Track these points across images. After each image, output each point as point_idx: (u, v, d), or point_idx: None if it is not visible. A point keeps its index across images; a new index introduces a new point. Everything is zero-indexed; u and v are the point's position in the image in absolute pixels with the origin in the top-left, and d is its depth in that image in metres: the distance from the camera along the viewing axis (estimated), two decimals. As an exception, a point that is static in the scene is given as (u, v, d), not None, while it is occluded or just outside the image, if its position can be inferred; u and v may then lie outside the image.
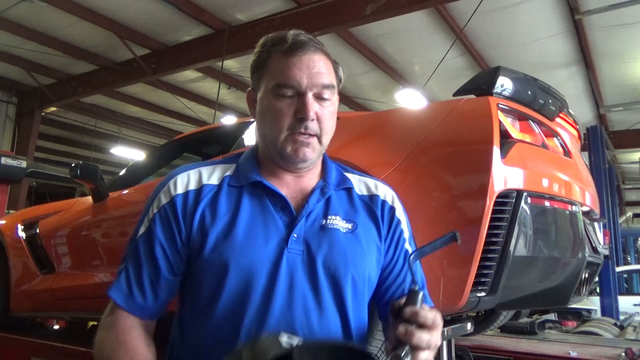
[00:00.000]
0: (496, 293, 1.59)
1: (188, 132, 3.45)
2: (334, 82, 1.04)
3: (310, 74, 0.99)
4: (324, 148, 1.05)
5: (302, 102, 0.98)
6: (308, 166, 1.05)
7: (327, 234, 0.99)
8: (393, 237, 1.08)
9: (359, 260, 1.00)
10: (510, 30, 6.53)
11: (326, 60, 1.03)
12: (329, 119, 1.02)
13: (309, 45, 1.00)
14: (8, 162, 5.33)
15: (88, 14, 6.36)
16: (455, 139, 1.75)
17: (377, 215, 1.07)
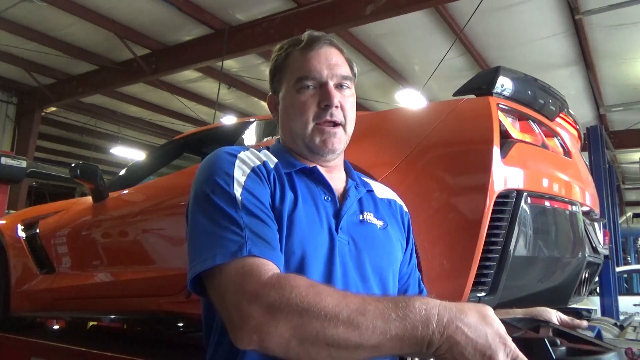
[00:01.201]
0: (496, 293, 1.59)
1: (188, 132, 3.45)
2: (351, 74, 1.09)
3: (329, 65, 1.04)
4: (348, 138, 1.09)
5: (325, 90, 1.03)
6: (336, 157, 1.09)
7: (366, 229, 1.03)
8: (408, 241, 1.15)
9: (395, 256, 1.06)
10: (510, 30, 6.53)
11: (341, 54, 1.09)
12: (352, 108, 1.07)
13: (324, 39, 1.07)
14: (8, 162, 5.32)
15: (88, 14, 6.36)
16: (455, 139, 1.75)
17: (397, 218, 1.13)
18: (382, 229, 1.06)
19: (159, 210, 2.59)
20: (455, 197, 1.63)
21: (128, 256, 2.57)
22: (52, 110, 9.64)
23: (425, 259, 1.58)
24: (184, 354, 2.62)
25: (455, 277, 1.55)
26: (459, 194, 1.63)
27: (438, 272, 1.57)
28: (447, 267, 1.57)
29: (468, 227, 1.55)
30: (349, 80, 1.07)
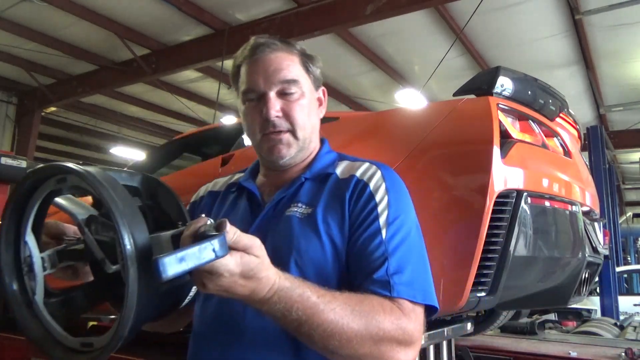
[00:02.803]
0: (496, 293, 1.59)
1: (188, 132, 3.45)
2: (299, 76, 1.05)
3: (266, 75, 1.03)
4: (303, 142, 1.06)
5: (264, 102, 1.02)
6: (289, 162, 1.06)
7: (282, 222, 1.00)
8: (360, 213, 0.98)
9: (306, 245, 0.96)
10: (510, 30, 6.53)
11: (287, 56, 1.05)
12: (299, 111, 1.04)
13: (265, 47, 1.04)
14: (8, 162, 5.31)
15: (88, 14, 6.36)
16: (455, 139, 1.75)
17: (344, 196, 1.00)
18: (304, 217, 0.99)
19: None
20: (455, 197, 1.63)
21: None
22: (52, 110, 9.63)
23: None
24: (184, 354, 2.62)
25: (455, 277, 1.55)
26: (459, 194, 1.63)
27: (438, 272, 1.57)
28: (447, 267, 1.57)
29: (468, 227, 1.55)
30: (293, 83, 1.03)
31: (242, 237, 0.75)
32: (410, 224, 1.00)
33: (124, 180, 0.87)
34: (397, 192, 1.01)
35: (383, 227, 0.95)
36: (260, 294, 0.78)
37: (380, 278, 0.90)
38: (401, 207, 1.00)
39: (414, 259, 0.95)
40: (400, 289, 0.89)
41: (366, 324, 0.83)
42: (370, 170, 1.03)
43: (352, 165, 1.06)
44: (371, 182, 1.00)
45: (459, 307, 1.57)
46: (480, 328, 2.79)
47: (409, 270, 0.92)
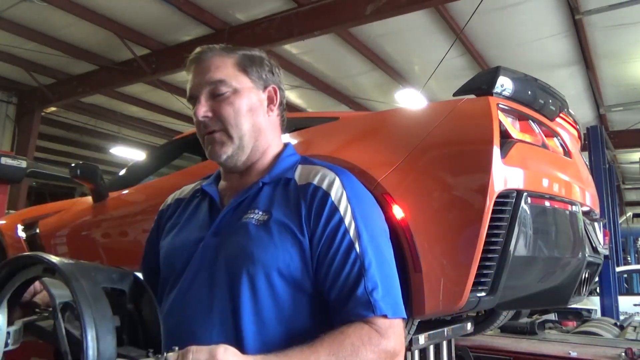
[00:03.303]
0: (496, 293, 1.59)
1: (188, 132, 3.45)
2: (229, 75, 1.06)
3: (197, 79, 1.07)
4: (239, 139, 1.05)
5: (194, 106, 1.06)
6: (230, 162, 1.07)
7: (237, 229, 0.99)
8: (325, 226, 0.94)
9: (264, 254, 0.93)
10: (510, 30, 6.53)
11: (219, 59, 1.08)
12: (229, 109, 1.04)
13: (201, 55, 1.10)
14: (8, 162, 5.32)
15: (88, 14, 6.36)
16: (455, 139, 1.74)
17: (300, 203, 0.97)
18: (260, 224, 0.97)
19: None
20: (455, 197, 1.63)
21: (128, 256, 2.57)
22: (52, 110, 9.63)
23: (425, 259, 1.58)
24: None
25: (455, 277, 1.55)
26: (459, 194, 1.63)
27: (438, 272, 1.57)
28: (447, 267, 1.56)
29: (468, 227, 1.55)
30: (220, 84, 1.04)
31: (198, 353, 0.74)
32: (378, 232, 0.98)
33: (113, 281, 0.87)
34: (360, 200, 0.99)
35: (355, 241, 0.93)
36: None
37: (361, 297, 0.89)
38: (367, 216, 0.97)
39: (385, 270, 0.93)
40: (380, 306, 0.88)
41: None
42: (327, 177, 1.00)
43: (310, 170, 1.03)
44: (332, 191, 0.97)
45: (459, 307, 1.57)
46: (480, 328, 2.79)
47: (382, 284, 0.91)
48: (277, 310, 0.93)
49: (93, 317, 0.73)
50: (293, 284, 0.94)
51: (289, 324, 0.93)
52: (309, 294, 0.95)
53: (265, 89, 1.11)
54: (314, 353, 0.82)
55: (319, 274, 0.94)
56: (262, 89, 1.10)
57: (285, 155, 1.11)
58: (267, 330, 0.91)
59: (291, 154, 1.13)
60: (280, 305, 0.93)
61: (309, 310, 0.95)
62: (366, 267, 0.90)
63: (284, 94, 1.15)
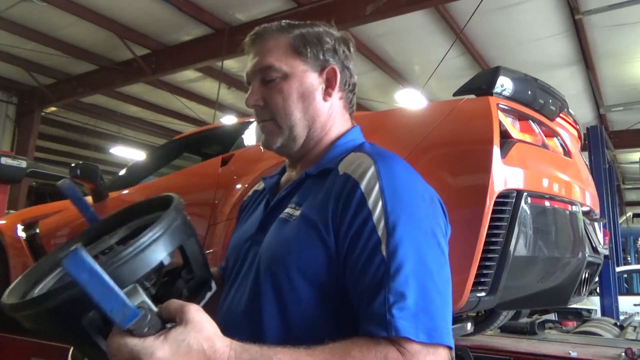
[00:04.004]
0: (496, 293, 1.59)
1: (188, 132, 3.45)
2: (279, 60, 0.96)
3: (250, 64, 0.99)
4: (289, 130, 0.96)
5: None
6: (284, 151, 1.00)
7: (274, 225, 0.92)
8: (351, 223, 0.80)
9: (286, 253, 0.84)
10: (510, 30, 6.53)
11: (272, 41, 0.98)
12: (277, 97, 0.95)
13: (256, 36, 1.00)
14: (8, 162, 5.32)
15: (88, 14, 6.36)
16: (455, 139, 1.75)
17: (330, 197, 0.84)
18: (292, 221, 0.88)
19: (159, 210, 2.59)
20: (455, 197, 1.62)
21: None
22: (52, 110, 9.63)
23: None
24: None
25: (455, 277, 1.55)
26: (459, 193, 1.63)
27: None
28: (447, 267, 1.56)
29: (468, 227, 1.55)
30: (269, 70, 0.95)
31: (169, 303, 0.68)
32: (421, 233, 0.78)
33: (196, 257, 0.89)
34: (398, 193, 0.80)
35: (382, 241, 0.75)
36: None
37: (376, 311, 0.71)
38: (406, 212, 0.78)
39: (423, 281, 0.73)
40: (400, 325, 0.69)
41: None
42: (363, 165, 0.84)
43: (352, 159, 0.89)
44: (363, 181, 0.81)
45: (459, 307, 1.57)
46: (480, 328, 2.79)
47: (415, 297, 0.71)
48: (302, 314, 0.80)
49: (162, 232, 0.76)
50: (317, 286, 0.81)
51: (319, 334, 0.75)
52: (337, 301, 0.80)
53: (322, 70, 0.98)
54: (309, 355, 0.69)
55: (346, 279, 0.79)
56: (319, 71, 0.98)
57: (340, 142, 0.98)
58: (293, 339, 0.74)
59: (348, 140, 0.98)
60: (304, 309, 0.81)
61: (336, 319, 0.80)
62: (391, 274, 0.72)
63: (349, 73, 1.01)
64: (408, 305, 0.70)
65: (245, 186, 2.10)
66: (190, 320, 0.66)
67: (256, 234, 0.96)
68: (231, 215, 2.07)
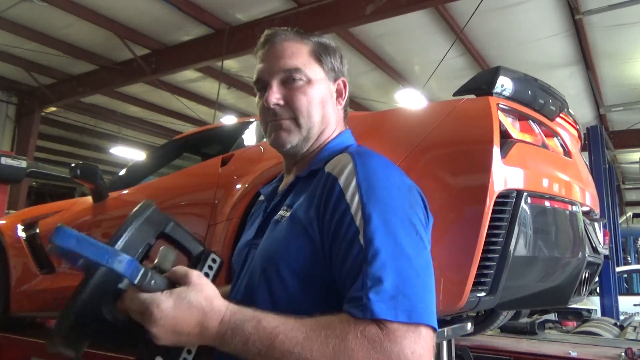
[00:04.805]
0: (496, 293, 1.59)
1: (188, 132, 3.45)
2: (305, 64, 1.02)
3: (270, 63, 1.02)
4: (307, 131, 1.02)
5: (266, 91, 1.01)
6: (292, 151, 1.03)
7: (270, 228, 0.98)
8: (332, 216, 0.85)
9: (276, 251, 0.90)
10: (510, 30, 6.53)
11: (294, 45, 1.03)
12: (302, 98, 1.00)
13: (276, 37, 1.04)
14: (8, 162, 5.32)
15: (88, 14, 6.36)
16: (455, 139, 1.75)
17: (315, 195, 0.89)
18: (283, 221, 0.94)
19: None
20: (455, 197, 1.63)
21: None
22: (52, 110, 9.64)
23: (425, 259, 1.58)
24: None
25: (455, 277, 1.55)
26: (459, 194, 1.63)
27: (438, 272, 1.57)
28: (447, 267, 1.57)
29: (468, 227, 1.55)
30: (295, 72, 1.00)
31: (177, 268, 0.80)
32: (395, 219, 0.81)
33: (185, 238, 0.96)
34: (372, 184, 0.84)
35: (360, 231, 0.80)
36: (211, 329, 0.76)
37: (355, 294, 0.76)
38: (381, 201, 0.82)
39: (401, 265, 0.77)
40: (377, 308, 0.72)
41: (334, 353, 0.71)
42: (342, 162, 0.89)
43: (336, 160, 0.93)
44: (341, 177, 0.86)
45: (459, 307, 1.57)
46: (480, 328, 2.79)
47: (393, 280, 0.75)
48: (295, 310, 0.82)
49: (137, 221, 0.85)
50: (307, 280, 0.86)
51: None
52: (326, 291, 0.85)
53: (335, 81, 1.09)
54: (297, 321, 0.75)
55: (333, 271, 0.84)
56: (333, 81, 1.08)
57: (330, 145, 1.04)
58: None
59: (338, 143, 1.05)
60: (295, 303, 0.86)
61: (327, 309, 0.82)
62: (369, 260, 0.76)
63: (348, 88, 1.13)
64: (385, 288, 0.74)
65: (246, 186, 2.10)
66: (193, 283, 0.78)
67: (254, 238, 1.03)
68: (231, 215, 2.07)
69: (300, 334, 0.73)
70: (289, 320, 0.76)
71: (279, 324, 0.75)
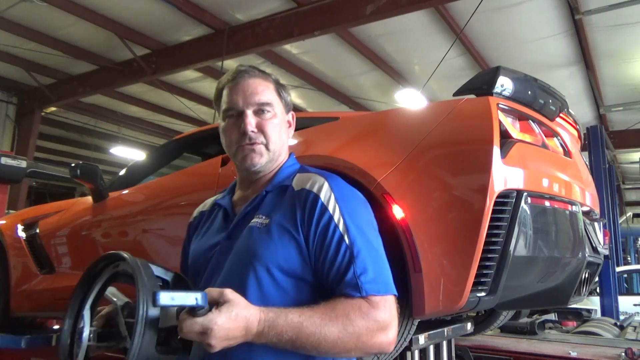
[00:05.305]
0: (496, 293, 1.59)
1: (188, 132, 3.45)
2: (272, 100, 1.23)
3: (245, 96, 1.21)
4: (274, 154, 1.23)
5: (242, 118, 1.20)
6: (260, 170, 1.23)
7: (245, 232, 1.17)
8: (317, 224, 1.10)
9: (265, 252, 1.11)
10: (510, 30, 6.54)
11: (264, 83, 1.24)
12: (272, 129, 1.22)
13: (245, 73, 1.23)
14: (8, 162, 5.32)
15: (88, 14, 6.36)
16: (455, 139, 1.75)
17: (296, 207, 1.13)
18: (262, 227, 1.14)
19: (159, 210, 2.59)
20: (455, 197, 1.63)
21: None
22: (52, 110, 9.63)
23: (425, 259, 1.58)
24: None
25: (455, 277, 1.55)
26: (459, 193, 1.63)
27: (438, 272, 1.57)
28: (447, 267, 1.57)
29: (468, 227, 1.55)
30: (268, 106, 1.21)
31: (210, 291, 0.94)
32: (365, 224, 1.13)
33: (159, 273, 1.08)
34: (347, 200, 1.14)
35: (344, 234, 1.08)
36: (253, 330, 0.95)
37: (350, 281, 1.05)
38: (354, 212, 1.13)
39: (373, 257, 1.09)
40: (367, 287, 1.04)
41: (344, 326, 0.99)
42: (318, 182, 1.16)
43: (304, 178, 1.19)
44: (321, 194, 1.13)
45: (459, 307, 1.57)
46: (480, 328, 2.79)
47: (372, 268, 1.06)
48: (281, 298, 1.08)
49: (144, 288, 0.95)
50: (293, 275, 1.10)
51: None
52: (310, 283, 1.11)
53: (288, 112, 1.30)
54: (311, 310, 1.00)
55: (317, 266, 1.10)
56: (287, 113, 1.30)
57: (285, 165, 1.27)
58: None
59: (291, 165, 1.28)
60: (283, 294, 1.09)
61: (311, 297, 1.10)
62: (355, 255, 1.06)
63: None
64: (369, 274, 1.05)
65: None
66: (231, 299, 0.95)
67: (224, 241, 1.20)
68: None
69: (318, 319, 0.98)
70: (305, 311, 0.99)
71: (300, 314, 0.98)
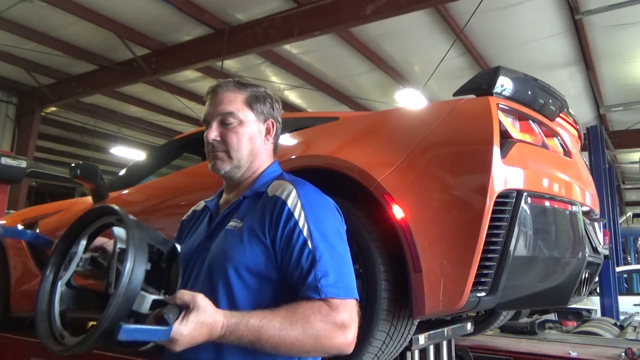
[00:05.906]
0: (496, 293, 1.59)
1: (188, 132, 3.45)
2: (237, 109, 1.30)
3: (212, 108, 1.31)
4: (239, 161, 1.30)
5: (207, 129, 1.31)
6: (228, 175, 1.31)
7: (221, 234, 1.24)
8: (283, 229, 1.16)
9: (235, 254, 1.18)
10: (510, 30, 6.53)
11: (233, 95, 1.31)
12: (233, 137, 1.29)
13: (219, 87, 1.32)
14: (8, 162, 5.32)
15: (88, 14, 6.36)
16: (455, 139, 1.75)
17: (265, 212, 1.20)
18: (235, 230, 1.21)
19: (159, 210, 2.59)
20: (455, 197, 1.63)
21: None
22: (52, 110, 9.63)
23: (425, 259, 1.58)
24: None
25: (455, 277, 1.55)
26: (459, 193, 1.63)
27: (438, 272, 1.57)
28: (447, 267, 1.57)
29: (468, 227, 1.55)
30: (230, 115, 1.28)
31: (183, 294, 1.00)
32: (329, 231, 1.18)
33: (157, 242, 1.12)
34: (313, 207, 1.20)
35: (308, 239, 1.14)
36: (215, 334, 1.01)
37: (311, 283, 1.10)
38: (319, 219, 1.18)
39: (336, 262, 1.14)
40: (327, 290, 1.08)
41: (303, 329, 1.04)
42: (287, 189, 1.22)
43: (277, 185, 1.26)
44: (289, 201, 1.19)
45: (459, 307, 1.57)
46: (480, 328, 2.79)
47: (333, 272, 1.11)
48: (248, 297, 1.15)
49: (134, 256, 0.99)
50: (260, 276, 1.16)
51: (259, 307, 1.13)
52: (276, 283, 1.17)
53: (265, 121, 1.35)
54: (272, 314, 1.04)
55: (282, 267, 1.16)
56: (262, 122, 1.34)
57: (266, 172, 1.34)
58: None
59: (272, 172, 1.35)
60: (250, 293, 1.16)
61: (275, 296, 1.16)
62: (317, 259, 1.11)
63: (279, 125, 1.39)
64: (330, 278, 1.10)
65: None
66: (201, 306, 1.00)
67: (204, 242, 1.27)
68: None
69: (277, 323, 1.03)
70: (266, 314, 1.04)
71: (261, 319, 1.03)
